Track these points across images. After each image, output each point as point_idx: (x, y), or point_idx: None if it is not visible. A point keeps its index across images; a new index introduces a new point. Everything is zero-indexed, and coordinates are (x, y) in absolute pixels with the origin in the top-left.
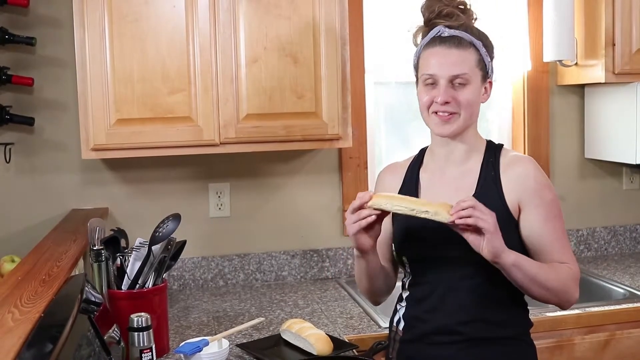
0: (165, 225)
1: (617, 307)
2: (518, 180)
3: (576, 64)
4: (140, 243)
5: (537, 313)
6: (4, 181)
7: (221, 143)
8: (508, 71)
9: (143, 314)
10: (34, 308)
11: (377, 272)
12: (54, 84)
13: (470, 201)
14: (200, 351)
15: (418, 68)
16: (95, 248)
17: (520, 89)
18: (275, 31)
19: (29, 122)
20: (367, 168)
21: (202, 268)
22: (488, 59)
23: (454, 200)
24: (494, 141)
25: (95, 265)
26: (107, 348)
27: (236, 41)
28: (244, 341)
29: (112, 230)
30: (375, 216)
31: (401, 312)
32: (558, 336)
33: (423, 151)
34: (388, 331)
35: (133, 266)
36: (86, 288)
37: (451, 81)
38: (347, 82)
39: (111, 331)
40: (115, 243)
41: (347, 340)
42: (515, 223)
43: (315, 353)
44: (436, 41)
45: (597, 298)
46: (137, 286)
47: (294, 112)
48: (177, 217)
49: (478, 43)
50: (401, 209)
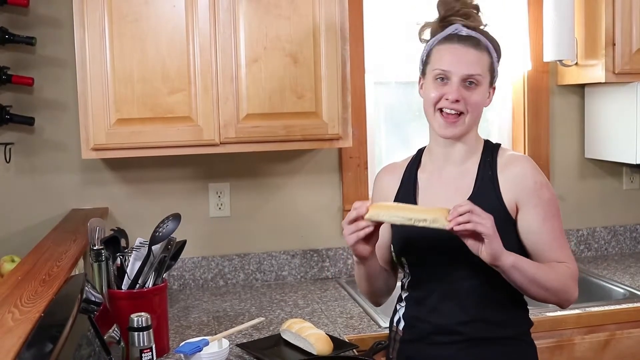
0: (165, 225)
1: (617, 307)
2: (515, 179)
3: (576, 64)
4: (140, 243)
5: (537, 313)
6: (4, 181)
7: (221, 143)
8: (508, 71)
9: (143, 314)
10: (34, 308)
11: (377, 275)
12: (54, 84)
13: (467, 205)
14: (200, 351)
15: (428, 62)
16: (95, 248)
17: (520, 89)
18: (275, 31)
19: (29, 122)
20: (367, 168)
21: (202, 268)
22: (497, 65)
23: (452, 201)
24: (493, 141)
25: (95, 265)
26: (107, 348)
27: (236, 41)
28: (244, 341)
29: (112, 230)
30: (372, 227)
31: (401, 312)
32: (558, 336)
33: (421, 151)
34: (388, 331)
35: (133, 266)
36: (86, 288)
37: (464, 80)
38: (347, 82)
39: (111, 331)
40: (115, 243)
41: (347, 340)
42: (513, 223)
43: (315, 353)
44: (453, 38)
45: (597, 298)
46: (137, 286)
47: (294, 112)
48: (177, 217)
49: (491, 48)
50: (399, 220)
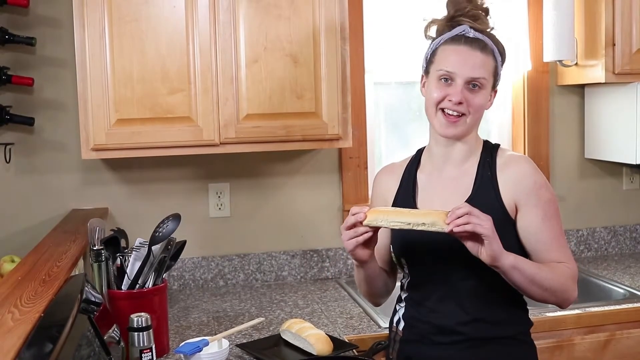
0: (165, 225)
1: (617, 307)
2: (515, 180)
3: (576, 64)
4: (140, 243)
5: (537, 313)
6: (4, 181)
7: (221, 143)
8: (508, 71)
9: (143, 314)
10: (34, 308)
11: (376, 277)
12: (54, 84)
13: (465, 208)
14: (200, 351)
15: (433, 62)
16: (95, 248)
17: (520, 89)
18: (275, 31)
19: (29, 122)
20: (367, 168)
21: (202, 268)
22: (500, 69)
23: (451, 201)
24: (493, 141)
25: (95, 265)
26: (107, 348)
27: (236, 41)
28: (244, 341)
29: (112, 230)
30: (371, 232)
31: (401, 313)
32: (558, 336)
33: (420, 152)
34: (388, 331)
35: (133, 266)
36: (86, 288)
37: (468, 83)
38: (347, 82)
39: (111, 331)
40: (115, 243)
41: (347, 340)
42: (512, 223)
43: (315, 353)
44: (461, 39)
45: (597, 298)
46: (137, 286)
47: (294, 112)
48: (177, 217)
49: (497, 52)
50: (397, 225)
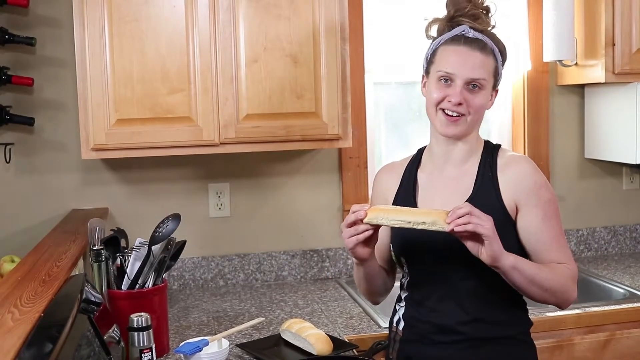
0: (165, 225)
1: (617, 307)
2: (515, 180)
3: (576, 64)
4: (140, 243)
5: (537, 313)
6: (4, 181)
7: (221, 143)
8: (508, 71)
9: (143, 314)
10: (34, 308)
11: (376, 275)
12: (54, 84)
13: (465, 207)
14: (200, 351)
15: (433, 62)
16: (95, 248)
17: (520, 89)
18: (275, 31)
19: (29, 122)
20: (367, 168)
21: (202, 268)
22: (501, 69)
23: (451, 201)
24: (494, 141)
25: (95, 265)
26: (107, 348)
27: (236, 41)
28: (244, 341)
29: (112, 230)
30: (372, 230)
31: (401, 312)
32: (558, 336)
33: (421, 151)
34: (388, 331)
35: (133, 266)
36: (86, 288)
37: (467, 83)
38: (347, 82)
39: (111, 331)
40: (115, 243)
41: (347, 340)
42: (512, 223)
43: (315, 353)
44: (460, 40)
45: (597, 298)
46: (137, 286)
47: (294, 112)
48: (177, 217)
49: (497, 51)
50: (398, 223)
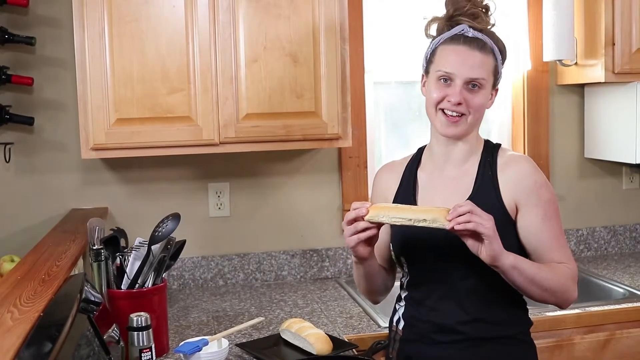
0: (164, 224)
1: (617, 307)
2: (515, 180)
3: (576, 64)
4: (139, 243)
5: (537, 313)
6: (4, 181)
7: (221, 143)
8: (508, 71)
9: (142, 314)
10: (33, 307)
11: (376, 274)
12: (54, 84)
13: (467, 206)
14: (199, 351)
15: (432, 62)
16: (94, 247)
17: (520, 89)
18: (274, 31)
19: (29, 122)
20: (367, 168)
21: (202, 268)
22: (501, 67)
23: (451, 201)
24: (494, 141)
25: (94, 264)
26: (107, 348)
27: (236, 41)
28: (244, 341)
29: (112, 229)
30: (375, 229)
31: (400, 312)
32: (558, 336)
33: (421, 150)
34: (388, 331)
35: (132, 266)
36: (85, 287)
37: (467, 83)
38: (347, 82)
39: (111, 331)
40: (114, 243)
41: (347, 339)
42: (512, 223)
43: (314, 353)
44: (459, 39)
45: (597, 298)
46: (137, 286)
47: (294, 112)
48: (177, 217)
49: (497, 50)
50: (399, 220)
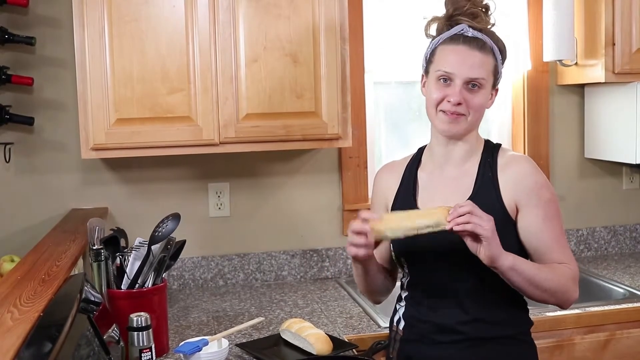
0: (164, 224)
1: (617, 307)
2: (515, 180)
3: (576, 64)
4: (139, 243)
5: (537, 313)
6: (4, 181)
7: (221, 143)
8: (508, 71)
9: (142, 314)
10: (33, 307)
11: (376, 274)
12: (54, 84)
13: (467, 206)
14: (199, 351)
15: (432, 62)
16: (94, 247)
17: (520, 89)
18: (275, 31)
19: (29, 122)
20: (367, 168)
21: (202, 268)
22: (501, 67)
23: (451, 201)
24: (493, 141)
25: (94, 264)
26: (107, 348)
27: (236, 41)
28: (244, 341)
29: (112, 229)
30: (372, 245)
31: (401, 312)
32: (558, 336)
33: (421, 150)
34: (388, 331)
35: (132, 266)
36: (85, 287)
37: (467, 83)
38: (347, 82)
39: (110, 331)
40: (114, 243)
41: (347, 340)
42: (513, 223)
43: (314, 353)
44: (459, 39)
45: (597, 298)
46: (137, 286)
47: (294, 112)
48: (177, 217)
49: (497, 50)
50: (403, 234)
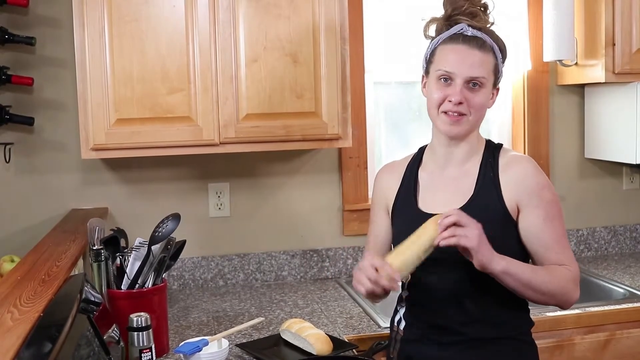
0: (164, 225)
1: (617, 307)
2: (517, 180)
3: (576, 64)
4: (139, 243)
5: (537, 313)
6: (4, 181)
7: (221, 143)
8: (508, 71)
9: (142, 314)
10: (33, 308)
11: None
12: (54, 84)
13: (452, 217)
14: (199, 351)
15: (432, 62)
16: (94, 248)
17: (520, 89)
18: (275, 31)
19: (29, 122)
20: (367, 168)
21: (202, 268)
22: (501, 66)
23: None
24: (494, 141)
25: (94, 265)
26: (107, 348)
27: (236, 41)
28: (244, 341)
29: (112, 230)
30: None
31: (402, 312)
32: (558, 336)
33: (422, 150)
34: (389, 331)
35: (133, 266)
36: (85, 288)
37: (467, 82)
38: (347, 82)
39: (111, 331)
40: (114, 243)
41: (347, 340)
42: (514, 224)
43: (314, 353)
44: (459, 38)
45: (597, 298)
46: (137, 286)
47: (294, 112)
48: (177, 217)
49: (497, 49)
50: (412, 267)
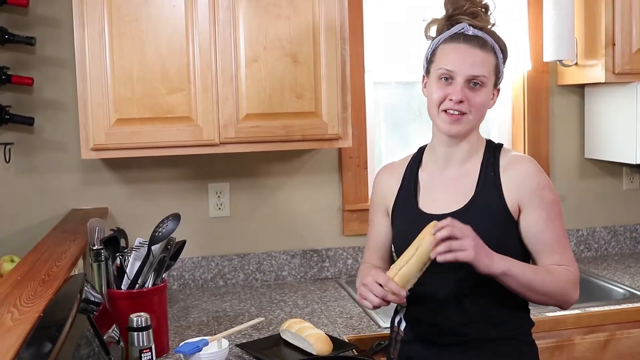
0: (164, 225)
1: (617, 307)
2: (518, 180)
3: (576, 64)
4: (139, 243)
5: (537, 313)
6: (4, 181)
7: (221, 143)
8: (508, 71)
9: (142, 314)
10: (33, 308)
11: None
12: (54, 84)
13: (446, 230)
14: (199, 351)
15: (433, 61)
16: (94, 248)
17: (520, 89)
18: (275, 31)
19: (29, 122)
20: (367, 168)
21: (202, 268)
22: (502, 66)
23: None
24: (494, 141)
25: (94, 265)
26: (107, 348)
27: (236, 41)
28: (244, 341)
29: (112, 230)
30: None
31: (402, 313)
32: (558, 336)
33: (422, 150)
34: (389, 331)
35: (133, 266)
36: (85, 288)
37: (468, 81)
38: (347, 82)
39: (111, 331)
40: (114, 243)
41: (347, 340)
42: (515, 224)
43: (314, 353)
44: (460, 37)
45: (597, 298)
46: (137, 286)
47: (294, 112)
48: (177, 217)
49: (498, 49)
50: (416, 274)
